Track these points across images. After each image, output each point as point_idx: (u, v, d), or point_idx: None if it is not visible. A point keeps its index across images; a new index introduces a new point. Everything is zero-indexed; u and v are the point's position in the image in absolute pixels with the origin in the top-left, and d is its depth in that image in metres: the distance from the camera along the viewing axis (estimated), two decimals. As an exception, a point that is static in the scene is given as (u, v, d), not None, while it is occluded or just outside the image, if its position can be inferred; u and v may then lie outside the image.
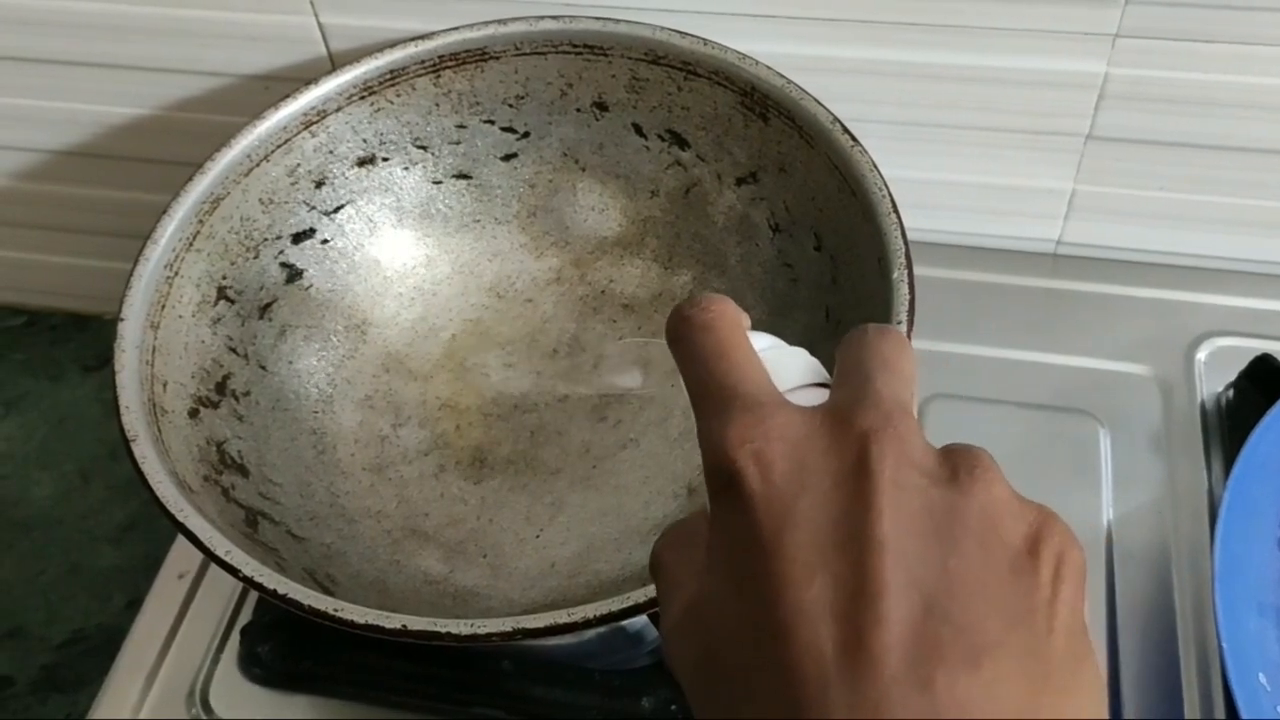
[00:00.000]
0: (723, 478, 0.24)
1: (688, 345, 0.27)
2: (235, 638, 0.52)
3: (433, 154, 0.57)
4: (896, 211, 0.46)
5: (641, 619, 0.48)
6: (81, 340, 0.86)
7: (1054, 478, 0.54)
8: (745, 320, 0.27)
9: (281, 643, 0.51)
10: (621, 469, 0.53)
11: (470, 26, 0.54)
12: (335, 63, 0.61)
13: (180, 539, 0.55)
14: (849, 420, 0.24)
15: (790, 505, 0.23)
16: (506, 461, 0.54)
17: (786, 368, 0.27)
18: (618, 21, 0.53)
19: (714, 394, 0.25)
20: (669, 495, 0.52)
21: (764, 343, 0.28)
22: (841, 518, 0.22)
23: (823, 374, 0.28)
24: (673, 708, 0.48)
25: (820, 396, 0.26)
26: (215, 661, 0.52)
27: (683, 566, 0.26)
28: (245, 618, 0.52)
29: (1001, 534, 0.23)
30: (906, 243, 0.45)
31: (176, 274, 0.49)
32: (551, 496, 0.53)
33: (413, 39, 0.54)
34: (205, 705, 0.50)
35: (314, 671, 0.50)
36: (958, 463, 0.24)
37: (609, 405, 0.55)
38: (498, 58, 0.54)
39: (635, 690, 0.48)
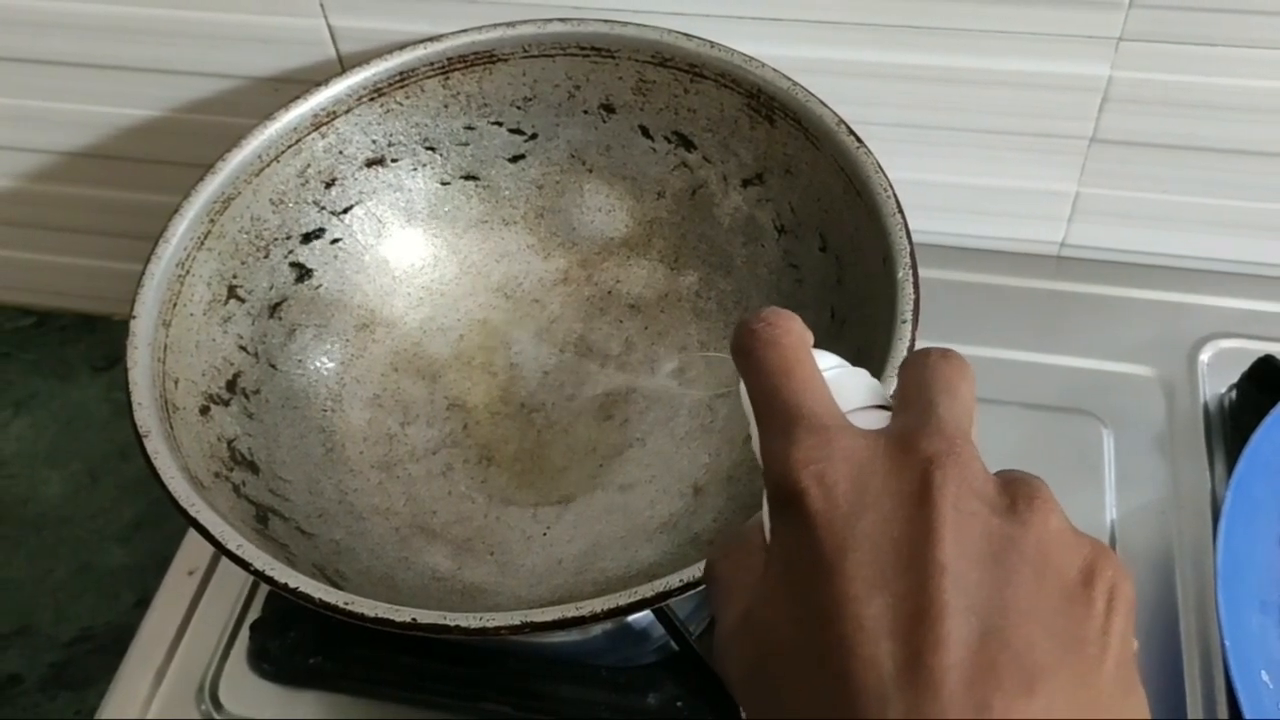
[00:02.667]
0: (785, 496, 0.24)
1: (753, 359, 0.27)
2: (245, 634, 0.52)
3: (441, 155, 0.57)
4: (901, 212, 0.46)
5: (647, 616, 0.48)
6: (91, 341, 0.86)
7: (1058, 478, 0.53)
8: (809, 337, 0.28)
9: (291, 639, 0.51)
10: (628, 468, 0.53)
11: (479, 29, 0.54)
12: (345, 65, 0.61)
13: (190, 535, 0.56)
14: (913, 445, 0.24)
15: (851, 525, 0.23)
16: (514, 459, 0.54)
17: (849, 388, 0.27)
18: (625, 24, 0.53)
19: (779, 412, 0.26)
20: (675, 494, 0.52)
21: (827, 362, 0.28)
22: (902, 540, 0.23)
23: (884, 396, 0.28)
24: (678, 704, 0.48)
25: (882, 418, 0.27)
26: (225, 658, 0.52)
27: (738, 576, 0.26)
28: (254, 614, 0.53)
29: (1057, 564, 0.23)
30: (911, 243, 0.45)
31: (188, 273, 0.50)
32: (558, 494, 0.53)
33: (422, 41, 0.54)
34: (215, 701, 0.51)
35: (323, 667, 0.51)
36: (1016, 492, 0.24)
37: (615, 404, 0.55)
38: (506, 60, 0.55)
39: (641, 687, 0.49)
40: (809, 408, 0.26)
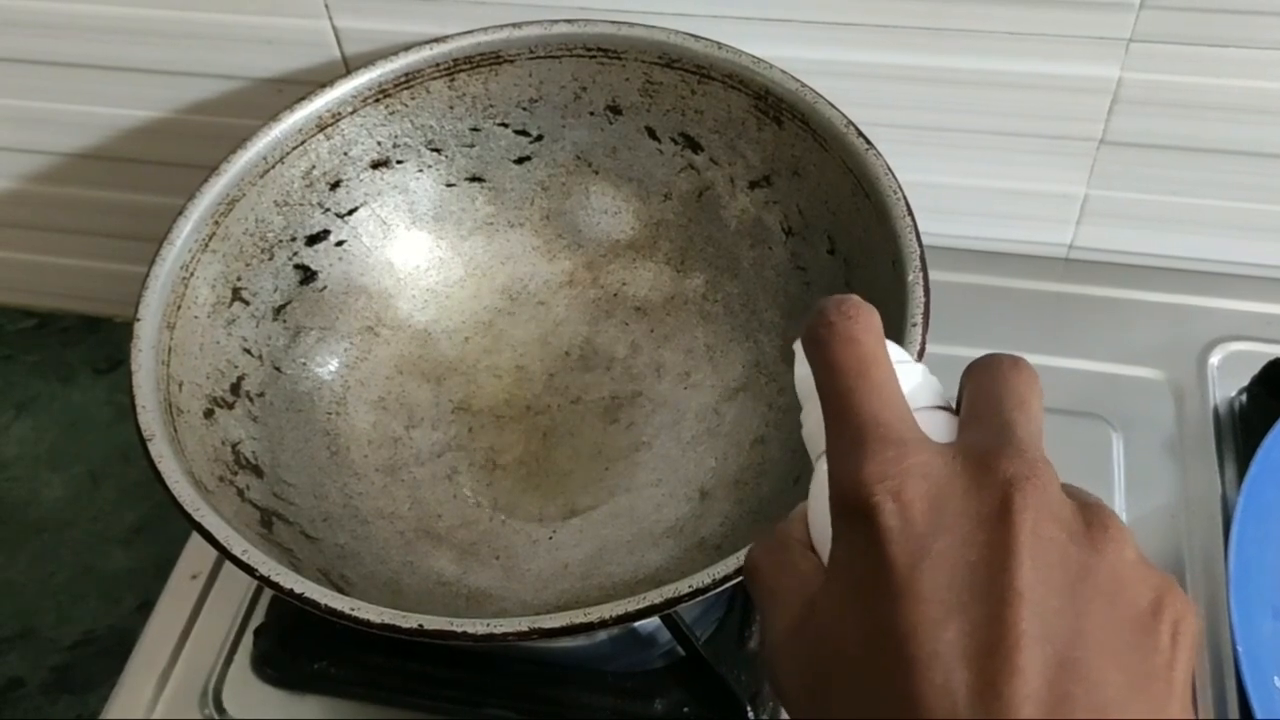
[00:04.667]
0: (857, 509, 0.24)
1: (829, 355, 0.26)
2: (248, 638, 0.52)
3: (446, 157, 0.57)
4: (911, 214, 0.46)
5: (654, 621, 0.48)
6: (92, 342, 0.86)
7: (1067, 481, 0.54)
8: (882, 330, 0.27)
9: (294, 644, 0.51)
10: (634, 471, 0.53)
11: (485, 30, 0.54)
12: (349, 66, 0.61)
13: (194, 539, 0.55)
14: (992, 466, 0.24)
15: (927, 545, 0.23)
16: (519, 463, 0.54)
17: (914, 387, 0.27)
18: (632, 25, 0.53)
19: (852, 417, 0.25)
20: (681, 498, 0.52)
21: (895, 355, 0.27)
22: (980, 564, 0.22)
23: (944, 396, 0.27)
24: (685, 710, 0.48)
25: (941, 419, 0.26)
26: (228, 662, 0.52)
27: (787, 581, 0.26)
28: (258, 619, 0.52)
29: (1128, 596, 0.23)
30: (921, 245, 0.45)
31: (192, 275, 0.50)
32: (564, 498, 0.53)
33: (427, 42, 0.54)
34: (218, 706, 0.51)
35: (326, 672, 0.50)
36: (1091, 519, 0.24)
37: (621, 407, 0.55)
38: (512, 61, 0.55)
39: (648, 692, 0.48)
40: (885, 417, 0.25)
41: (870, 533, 0.23)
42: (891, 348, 0.27)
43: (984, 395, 0.26)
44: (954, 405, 0.27)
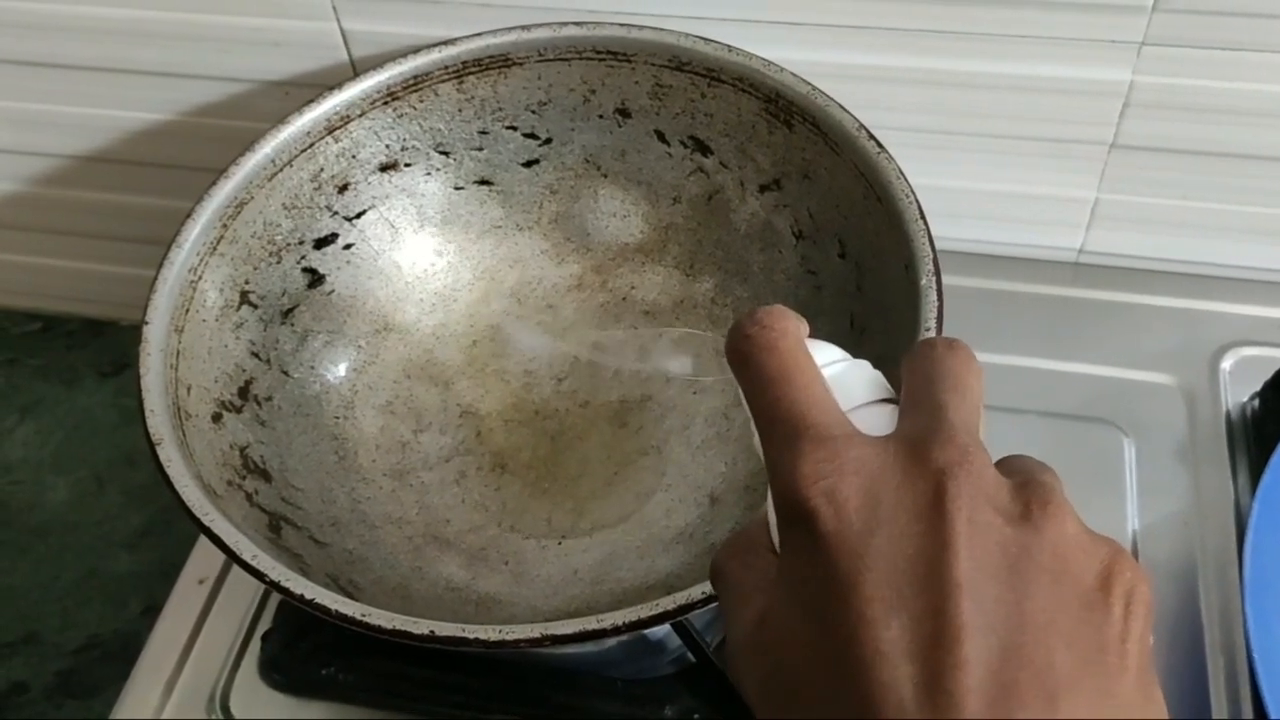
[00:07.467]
0: (795, 513, 0.24)
1: (751, 367, 0.26)
2: (256, 644, 0.52)
3: (455, 160, 0.57)
4: (924, 218, 0.46)
5: (664, 628, 0.48)
6: (98, 346, 0.86)
7: (1078, 487, 0.53)
8: (804, 329, 0.27)
9: (302, 649, 0.50)
10: (643, 476, 0.53)
11: (494, 32, 0.54)
12: (357, 69, 0.61)
13: (201, 544, 0.55)
14: (924, 455, 0.23)
15: (865, 543, 0.23)
16: (527, 467, 0.54)
17: (851, 385, 0.26)
18: (641, 28, 0.53)
19: (781, 422, 0.25)
20: (691, 503, 0.52)
21: (827, 356, 0.27)
22: (918, 557, 0.22)
23: (887, 388, 0.27)
24: (695, 717, 0.48)
25: (885, 413, 0.26)
26: (235, 667, 0.52)
27: (748, 579, 0.26)
28: (265, 624, 0.52)
29: (1074, 571, 0.23)
30: (934, 249, 0.45)
31: (200, 278, 0.49)
32: (573, 503, 0.52)
33: (435, 45, 0.54)
34: (225, 711, 0.50)
35: (334, 677, 0.50)
36: (1030, 496, 0.23)
37: (630, 411, 0.55)
38: (521, 64, 0.54)
39: (658, 699, 0.48)
40: (813, 417, 0.25)
41: (810, 535, 0.23)
42: (827, 348, 0.27)
43: (920, 381, 0.26)
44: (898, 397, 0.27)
